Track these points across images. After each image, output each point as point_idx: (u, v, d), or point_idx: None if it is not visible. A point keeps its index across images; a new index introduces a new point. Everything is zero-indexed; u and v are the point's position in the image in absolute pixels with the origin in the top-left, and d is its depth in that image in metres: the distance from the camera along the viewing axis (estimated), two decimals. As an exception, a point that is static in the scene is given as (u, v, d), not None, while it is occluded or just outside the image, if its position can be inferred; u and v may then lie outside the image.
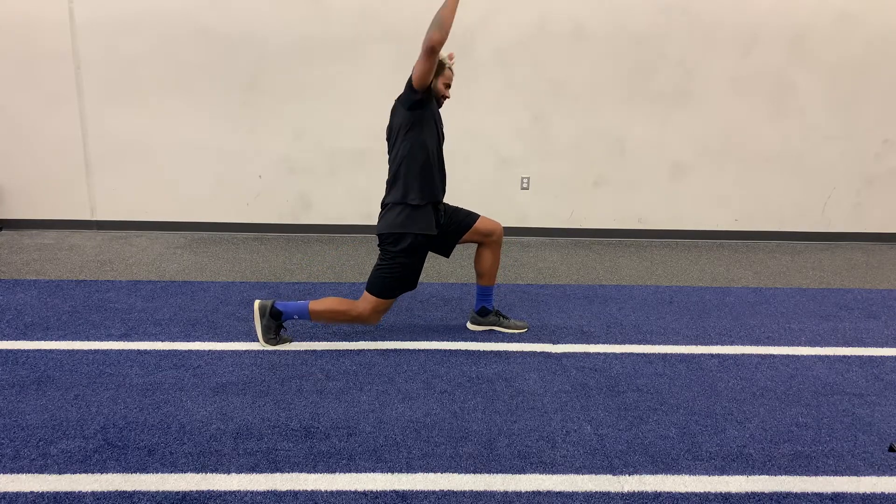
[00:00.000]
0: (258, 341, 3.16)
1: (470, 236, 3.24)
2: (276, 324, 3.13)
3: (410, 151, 2.95)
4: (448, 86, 3.03)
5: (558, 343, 3.29)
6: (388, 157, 3.07)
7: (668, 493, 2.11)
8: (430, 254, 3.24)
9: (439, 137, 3.06)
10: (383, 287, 3.03)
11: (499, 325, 3.42)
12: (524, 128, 5.47)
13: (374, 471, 2.19)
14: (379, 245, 3.08)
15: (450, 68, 3.01)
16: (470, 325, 3.45)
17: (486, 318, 3.41)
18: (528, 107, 5.42)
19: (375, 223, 3.18)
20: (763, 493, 2.12)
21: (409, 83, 2.84)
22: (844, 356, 3.21)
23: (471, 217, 3.24)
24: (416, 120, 2.91)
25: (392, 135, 3.01)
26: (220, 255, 4.89)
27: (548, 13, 5.23)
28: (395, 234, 2.99)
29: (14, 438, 2.34)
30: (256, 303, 3.13)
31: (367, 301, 3.05)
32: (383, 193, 3.10)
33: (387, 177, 3.09)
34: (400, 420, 2.52)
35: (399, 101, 2.97)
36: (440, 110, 3.13)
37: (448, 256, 3.30)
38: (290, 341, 3.21)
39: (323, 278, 4.38)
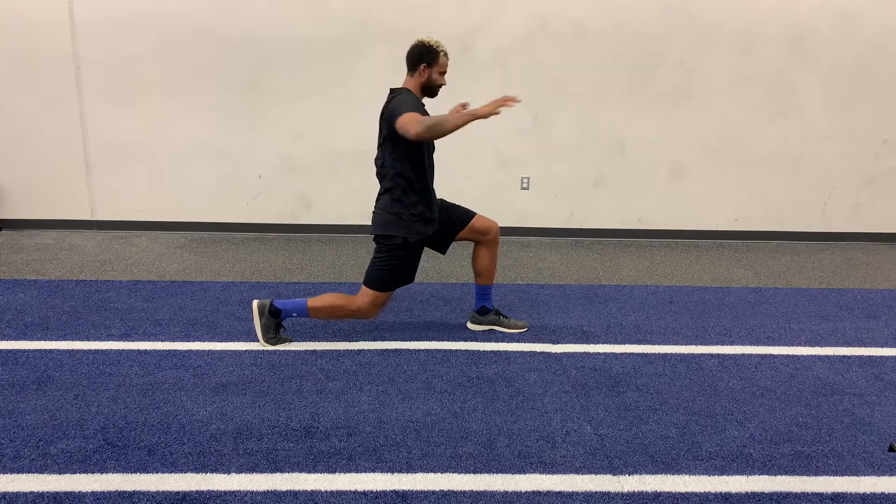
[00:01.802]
0: (258, 341, 3.16)
1: (466, 234, 3.23)
2: (275, 322, 3.13)
3: (399, 165, 2.93)
4: (443, 73, 3.00)
5: (558, 343, 3.29)
6: (376, 155, 3.05)
7: (668, 493, 2.11)
8: (429, 253, 3.24)
9: (427, 148, 3.04)
10: (380, 280, 3.03)
11: (499, 325, 3.42)
12: (524, 128, 5.47)
13: (374, 471, 2.19)
14: (374, 240, 3.08)
15: (444, 54, 2.97)
16: (470, 325, 3.45)
17: (486, 318, 3.40)
18: (528, 107, 5.41)
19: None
20: (763, 493, 2.12)
21: (395, 121, 2.77)
22: (844, 356, 3.21)
23: (467, 214, 3.23)
24: (402, 138, 2.84)
25: (380, 138, 2.97)
26: (220, 255, 4.89)
27: (548, 13, 5.23)
28: (387, 234, 3.00)
29: (14, 438, 2.34)
30: (255, 302, 3.13)
31: (364, 295, 3.06)
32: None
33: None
34: (400, 420, 2.52)
35: (386, 116, 2.88)
36: (437, 99, 3.10)
37: (444, 253, 3.30)
38: (290, 341, 3.21)
39: (323, 278, 4.38)
